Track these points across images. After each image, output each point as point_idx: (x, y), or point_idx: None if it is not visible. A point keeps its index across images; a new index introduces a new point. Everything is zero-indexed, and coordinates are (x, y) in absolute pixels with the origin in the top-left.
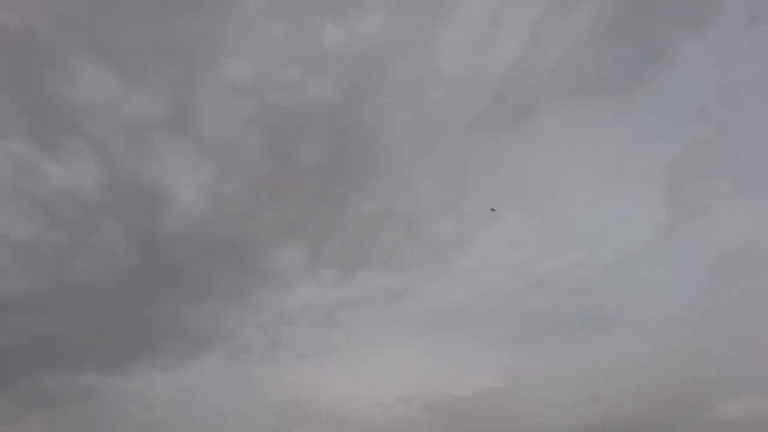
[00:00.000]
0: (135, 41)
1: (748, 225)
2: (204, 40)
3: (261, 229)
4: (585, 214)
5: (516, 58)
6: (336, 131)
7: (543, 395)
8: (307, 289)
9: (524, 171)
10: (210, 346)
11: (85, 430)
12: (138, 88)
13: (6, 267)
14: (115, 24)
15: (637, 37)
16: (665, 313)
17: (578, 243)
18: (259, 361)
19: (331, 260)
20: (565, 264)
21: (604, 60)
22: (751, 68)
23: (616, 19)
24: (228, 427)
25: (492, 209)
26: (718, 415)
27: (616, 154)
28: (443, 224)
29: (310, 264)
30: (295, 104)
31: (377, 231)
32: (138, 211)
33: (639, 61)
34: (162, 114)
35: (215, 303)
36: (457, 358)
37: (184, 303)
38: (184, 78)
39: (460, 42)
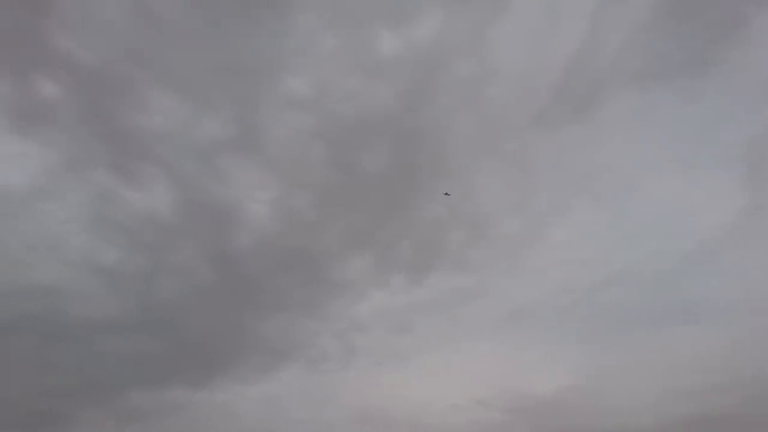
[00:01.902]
0: (200, 67)
1: None
2: (264, 60)
3: (330, 240)
4: (659, 202)
5: (575, 48)
6: (397, 138)
7: (626, 392)
8: (378, 296)
9: (592, 163)
10: (288, 357)
11: None
12: (206, 111)
13: (96, 291)
14: (181, 53)
15: (703, 15)
16: (754, 301)
17: (654, 233)
18: (337, 370)
19: (400, 266)
20: (642, 255)
21: (669, 43)
22: None
23: None
24: None
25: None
26: None
27: (687, 138)
28: (511, 222)
29: (380, 271)
30: (355, 115)
31: (444, 233)
32: (212, 230)
33: (706, 41)
34: (229, 135)
35: (291, 315)
36: (533, 357)
37: (262, 316)
38: (247, 98)
39: (517, 38)
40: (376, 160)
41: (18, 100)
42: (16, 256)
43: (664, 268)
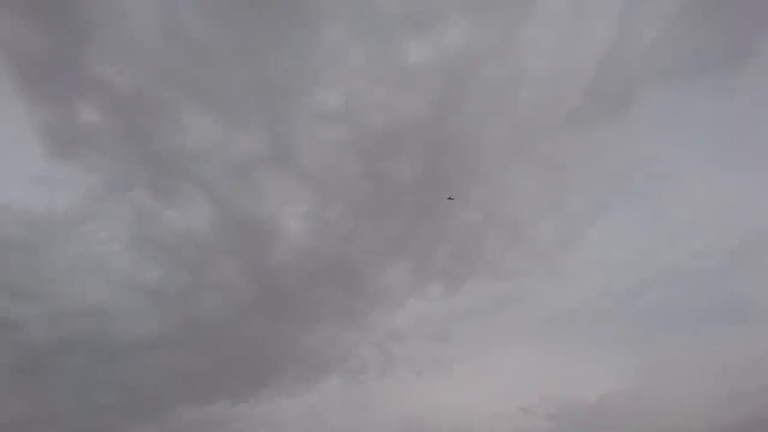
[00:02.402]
0: (232, 86)
1: None
2: (294, 75)
3: (366, 250)
4: (698, 200)
5: (605, 47)
6: (429, 145)
7: (674, 396)
8: (416, 304)
9: (627, 162)
10: (328, 368)
11: None
12: (239, 129)
13: (140, 310)
14: (213, 73)
15: (734, 5)
16: None
17: (695, 231)
18: (377, 380)
19: (437, 274)
20: (684, 254)
21: (700, 37)
22: None
23: None
24: None
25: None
26: None
27: (723, 134)
28: (547, 225)
29: (417, 279)
30: (386, 124)
31: (481, 239)
32: (250, 245)
33: (739, 33)
34: (263, 150)
35: (330, 326)
36: (575, 363)
37: (301, 329)
38: (279, 113)
39: (545, 39)
40: (409, 169)
41: (60, 127)
42: (63, 277)
43: (707, 266)
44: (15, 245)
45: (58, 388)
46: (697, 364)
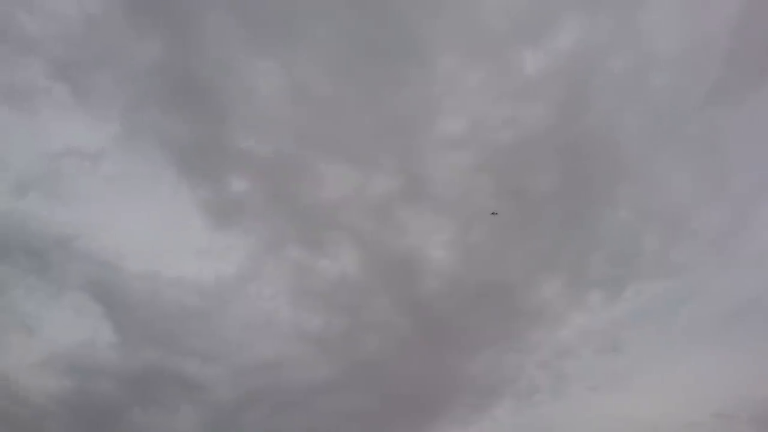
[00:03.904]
0: (361, 132)
1: None
2: (416, 110)
3: (515, 269)
4: None
5: (737, 9)
6: (563, 151)
7: None
8: (578, 317)
9: None
10: (498, 393)
11: None
12: (373, 171)
13: (308, 357)
14: (341, 124)
15: None
16: None
17: None
18: (549, 401)
19: (595, 282)
20: None
21: None
22: None
23: None
24: None
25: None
26: None
27: None
28: (710, 212)
29: (574, 291)
30: (514, 139)
31: (637, 239)
32: (400, 281)
33: None
34: (398, 188)
35: (491, 351)
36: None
37: (464, 357)
38: (408, 149)
39: (670, 16)
40: (546, 179)
41: (216, 200)
42: (238, 337)
43: None
44: (193, 313)
45: None
46: None
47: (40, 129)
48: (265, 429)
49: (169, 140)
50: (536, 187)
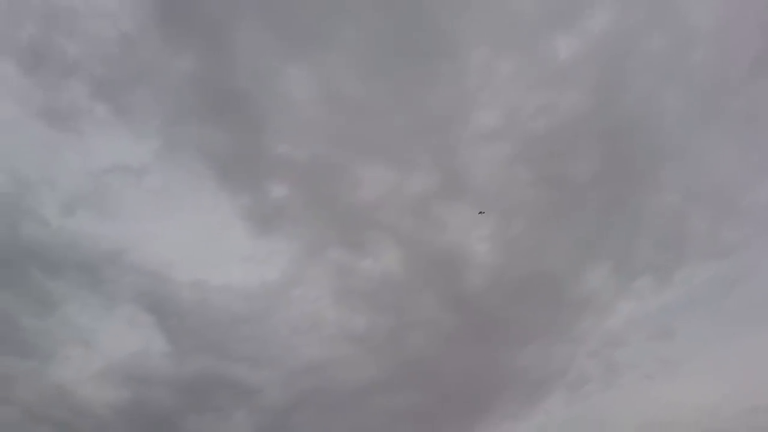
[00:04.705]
0: (396, 132)
1: None
2: (449, 105)
3: (559, 259)
4: None
5: None
6: (603, 135)
7: None
8: (626, 305)
9: None
10: (548, 386)
11: None
12: (410, 170)
13: (354, 358)
14: (376, 124)
15: None
16: None
17: None
18: (602, 391)
19: (642, 268)
20: None
21: None
22: None
23: None
24: None
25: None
26: None
27: None
28: (759, 191)
29: (621, 279)
30: (550, 127)
31: (684, 220)
32: (442, 278)
33: None
34: (435, 184)
35: (539, 343)
36: None
37: (512, 350)
38: (443, 145)
39: None
40: (585, 166)
41: (257, 208)
42: (286, 341)
43: None
44: (241, 319)
45: None
46: None
47: (84, 148)
48: (316, 430)
49: (208, 151)
50: (576, 174)
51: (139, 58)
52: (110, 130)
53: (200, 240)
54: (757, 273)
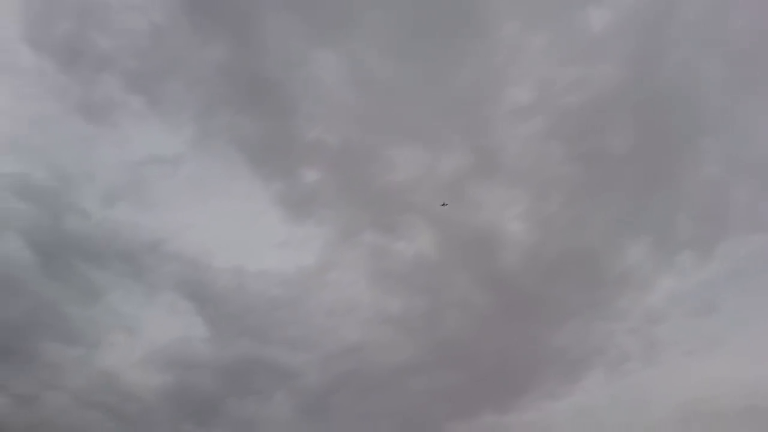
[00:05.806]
0: (427, 112)
1: None
2: (480, 83)
3: (596, 235)
4: None
5: None
6: (639, 108)
7: None
8: (667, 280)
9: None
10: (588, 363)
11: None
12: (442, 150)
13: (391, 339)
14: (407, 105)
15: None
16: None
17: None
18: (642, 368)
19: (682, 243)
20: None
21: None
22: None
23: None
24: None
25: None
26: None
27: None
28: None
29: (661, 254)
30: (584, 101)
31: (725, 193)
32: (477, 257)
33: None
34: (468, 163)
35: (579, 320)
36: None
37: (550, 329)
38: (475, 124)
39: None
40: (620, 140)
41: (292, 193)
42: (323, 324)
43: None
44: (278, 304)
45: (335, 423)
46: None
47: (121, 140)
48: (354, 411)
49: (241, 139)
50: (612, 148)
51: (170, 50)
52: (145, 122)
53: (236, 227)
54: None
